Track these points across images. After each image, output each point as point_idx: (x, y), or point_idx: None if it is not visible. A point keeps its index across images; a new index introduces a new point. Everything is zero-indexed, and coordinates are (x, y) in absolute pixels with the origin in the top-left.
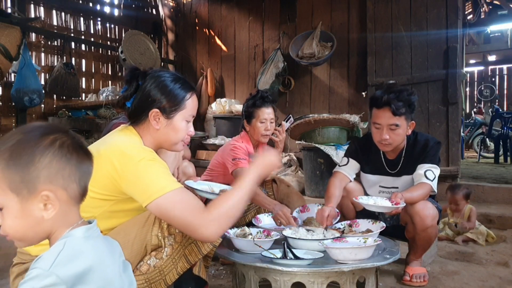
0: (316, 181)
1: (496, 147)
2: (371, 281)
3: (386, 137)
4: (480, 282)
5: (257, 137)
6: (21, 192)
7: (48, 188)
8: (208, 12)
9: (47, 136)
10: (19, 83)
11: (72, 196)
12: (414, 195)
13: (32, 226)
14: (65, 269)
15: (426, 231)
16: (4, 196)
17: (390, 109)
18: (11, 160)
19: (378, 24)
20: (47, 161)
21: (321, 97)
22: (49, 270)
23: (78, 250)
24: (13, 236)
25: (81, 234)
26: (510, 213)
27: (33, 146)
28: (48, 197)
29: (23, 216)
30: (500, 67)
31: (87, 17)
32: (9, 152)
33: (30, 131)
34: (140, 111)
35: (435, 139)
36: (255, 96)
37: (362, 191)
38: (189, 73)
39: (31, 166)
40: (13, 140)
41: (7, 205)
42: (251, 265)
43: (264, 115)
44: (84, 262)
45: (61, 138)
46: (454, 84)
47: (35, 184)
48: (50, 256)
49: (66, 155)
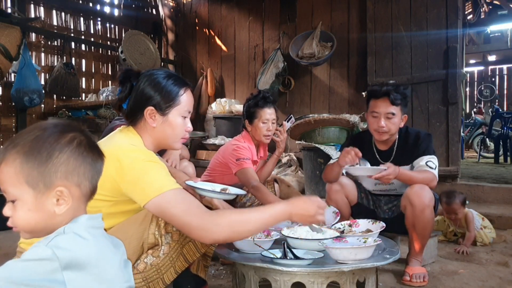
0: (316, 181)
1: (496, 147)
2: (371, 281)
3: (383, 124)
4: (480, 282)
5: (259, 138)
6: (38, 186)
7: (63, 184)
8: (208, 12)
9: (66, 134)
10: (19, 83)
11: (84, 194)
12: (413, 174)
13: (43, 219)
14: (62, 249)
15: (424, 212)
16: (20, 189)
17: (389, 98)
18: (30, 155)
19: (378, 24)
20: (65, 158)
21: (321, 97)
22: (47, 245)
23: (79, 235)
24: (22, 227)
25: (84, 221)
26: (510, 213)
27: (52, 142)
28: (62, 193)
29: (36, 209)
30: (500, 67)
31: (87, 17)
32: (28, 147)
33: (49, 128)
34: (136, 110)
35: (425, 131)
36: (257, 96)
37: (354, 186)
38: (189, 73)
39: (49, 161)
40: (32, 135)
41: (21, 197)
42: (251, 265)
43: (266, 115)
44: (83, 249)
45: (79, 136)
46: (454, 84)
47: (52, 179)
48: (51, 235)
49: (82, 154)
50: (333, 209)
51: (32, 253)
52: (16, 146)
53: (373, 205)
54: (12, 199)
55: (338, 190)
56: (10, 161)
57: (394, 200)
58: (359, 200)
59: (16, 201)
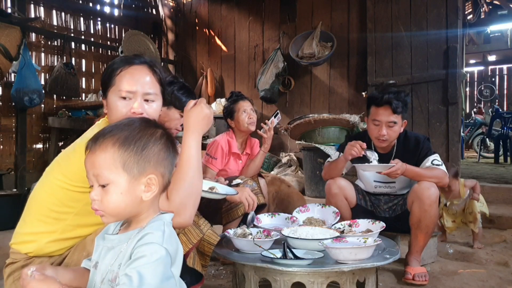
0: (316, 181)
1: (496, 147)
2: (371, 281)
3: (384, 132)
4: (480, 282)
5: (244, 127)
6: (132, 172)
7: (153, 172)
8: (208, 12)
9: (157, 130)
10: (19, 83)
11: (164, 184)
12: (421, 170)
13: (131, 204)
14: (170, 245)
15: (432, 207)
16: (116, 173)
17: (391, 107)
18: (128, 143)
19: (378, 24)
20: (157, 150)
21: (321, 97)
22: (163, 245)
23: (172, 232)
24: (111, 210)
25: (169, 219)
26: (510, 213)
27: (148, 135)
28: (151, 180)
29: (128, 193)
30: (500, 67)
31: (87, 17)
32: (125, 136)
33: (141, 122)
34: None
35: (423, 135)
36: (231, 97)
37: (353, 187)
38: (189, 73)
39: (144, 151)
40: (127, 127)
41: (116, 181)
42: (251, 265)
43: (243, 106)
44: (177, 243)
45: (166, 133)
46: (454, 84)
47: (145, 167)
48: (158, 232)
49: (169, 148)
50: (333, 209)
51: (154, 254)
52: (114, 135)
53: (371, 206)
54: (105, 183)
55: (337, 193)
56: (108, 147)
57: (394, 199)
58: (357, 201)
59: (109, 185)
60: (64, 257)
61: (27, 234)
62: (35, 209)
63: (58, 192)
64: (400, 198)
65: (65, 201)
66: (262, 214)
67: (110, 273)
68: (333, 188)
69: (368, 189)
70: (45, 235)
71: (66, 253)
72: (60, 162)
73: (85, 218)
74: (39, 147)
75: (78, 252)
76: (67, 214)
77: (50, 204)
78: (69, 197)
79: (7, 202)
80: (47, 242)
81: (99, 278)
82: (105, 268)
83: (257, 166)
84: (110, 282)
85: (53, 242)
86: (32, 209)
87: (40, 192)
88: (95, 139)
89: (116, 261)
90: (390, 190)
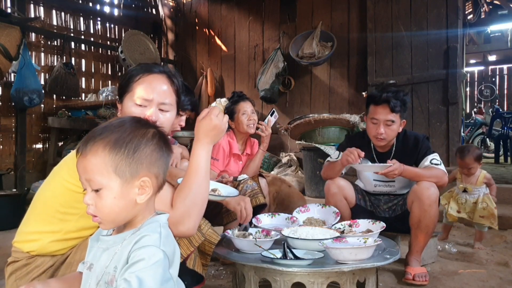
0: (316, 181)
1: (496, 147)
2: (371, 281)
3: (382, 131)
4: (481, 283)
5: (243, 129)
6: (124, 175)
7: (146, 174)
8: (208, 12)
9: (148, 129)
10: (19, 83)
11: (159, 185)
12: (420, 170)
13: (126, 207)
14: (167, 247)
15: (432, 207)
16: (108, 178)
17: (389, 106)
18: (118, 146)
19: (378, 24)
20: (149, 151)
21: (321, 97)
22: (160, 247)
23: (168, 233)
24: (106, 215)
25: (165, 220)
26: (510, 213)
27: (139, 136)
28: (145, 182)
29: (121, 197)
30: (500, 67)
31: (87, 17)
32: (115, 139)
33: (132, 122)
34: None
35: (422, 134)
36: (232, 97)
37: (352, 187)
38: (189, 73)
39: (136, 153)
40: (118, 129)
41: (109, 186)
42: (251, 265)
43: (244, 107)
44: (174, 244)
45: (158, 133)
46: (454, 84)
47: (137, 169)
48: (155, 235)
49: (162, 148)
50: (333, 209)
51: (152, 257)
52: (104, 138)
53: (371, 206)
54: (97, 187)
55: (336, 192)
56: (99, 152)
57: (394, 199)
58: (357, 201)
59: (101, 189)
60: (67, 257)
61: (31, 233)
62: (40, 209)
63: (65, 193)
64: (400, 198)
65: (71, 202)
66: (262, 214)
67: (106, 275)
68: (332, 188)
69: (368, 188)
70: (48, 234)
71: (69, 253)
72: (68, 162)
73: (89, 220)
74: (38, 147)
75: (81, 252)
76: (72, 215)
77: (56, 204)
78: (75, 199)
79: (6, 202)
80: (50, 241)
81: (94, 280)
82: (100, 269)
83: (256, 166)
84: (106, 285)
85: (56, 241)
86: (38, 208)
87: (47, 192)
88: (85, 142)
89: (112, 262)
90: (390, 189)
